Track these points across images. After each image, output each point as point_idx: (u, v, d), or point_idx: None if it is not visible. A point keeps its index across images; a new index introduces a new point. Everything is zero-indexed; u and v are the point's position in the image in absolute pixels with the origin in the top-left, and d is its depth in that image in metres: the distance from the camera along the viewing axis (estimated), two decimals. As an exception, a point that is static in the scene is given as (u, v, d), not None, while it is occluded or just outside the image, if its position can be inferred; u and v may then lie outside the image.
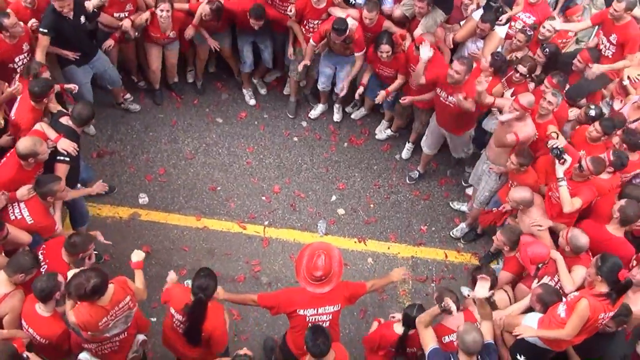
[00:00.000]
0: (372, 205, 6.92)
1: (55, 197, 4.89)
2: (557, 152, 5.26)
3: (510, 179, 5.72)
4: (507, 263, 5.39)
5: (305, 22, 6.64)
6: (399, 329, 4.65)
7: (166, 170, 6.90)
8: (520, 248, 5.14)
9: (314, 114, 7.59)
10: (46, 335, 4.31)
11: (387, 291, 6.19)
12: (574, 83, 6.32)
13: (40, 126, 5.15)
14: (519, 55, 6.29)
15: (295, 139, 7.39)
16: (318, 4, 6.49)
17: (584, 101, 6.38)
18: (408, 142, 7.29)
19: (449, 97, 6.03)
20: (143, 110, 7.37)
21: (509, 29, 6.61)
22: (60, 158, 5.12)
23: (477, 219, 6.47)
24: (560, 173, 5.21)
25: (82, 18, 5.96)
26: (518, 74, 5.99)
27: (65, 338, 4.39)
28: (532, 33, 6.33)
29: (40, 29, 5.74)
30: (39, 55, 5.73)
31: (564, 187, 5.20)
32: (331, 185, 7.03)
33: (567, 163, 5.21)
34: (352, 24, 6.34)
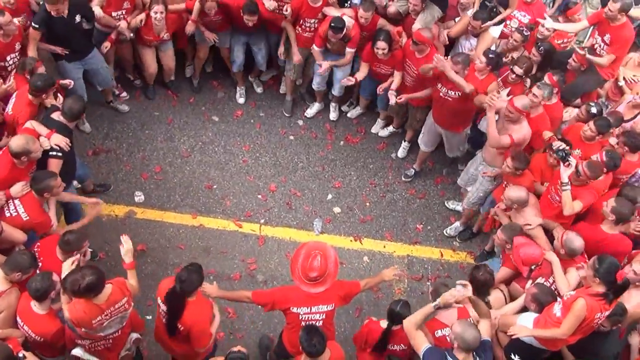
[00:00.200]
0: (368, 204, 6.93)
1: (52, 193, 4.87)
2: (562, 155, 5.17)
3: (506, 182, 5.69)
4: (507, 260, 5.36)
5: (302, 21, 6.63)
6: (385, 324, 4.66)
7: (162, 168, 6.90)
8: (513, 250, 5.14)
9: (310, 112, 7.59)
10: (41, 333, 4.31)
11: (383, 290, 6.20)
12: (568, 83, 6.33)
13: (31, 124, 5.12)
14: (515, 55, 6.31)
15: (292, 137, 7.39)
16: (315, 3, 6.48)
17: (578, 101, 6.40)
18: (404, 141, 7.29)
19: (449, 91, 6.03)
20: (139, 108, 7.36)
21: (505, 28, 6.62)
22: (52, 154, 5.08)
23: (472, 218, 6.47)
24: (565, 177, 5.12)
25: (77, 17, 5.95)
26: (514, 75, 5.97)
27: (60, 336, 4.38)
28: (528, 33, 6.33)
29: (32, 23, 5.77)
30: (31, 49, 5.74)
31: (567, 191, 5.12)
32: (327, 184, 7.03)
33: (572, 166, 5.13)
34: (349, 22, 6.35)
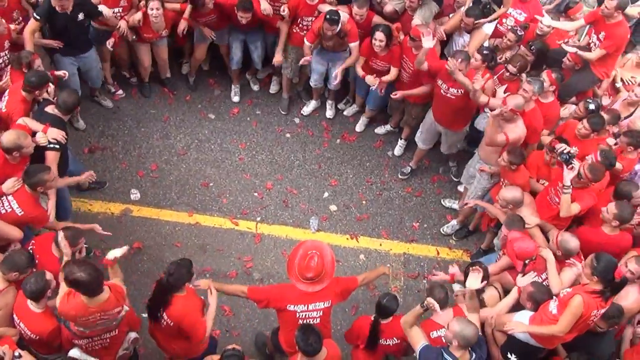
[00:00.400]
0: (364, 202, 6.93)
1: (45, 186, 4.85)
2: (565, 157, 5.16)
3: (502, 177, 5.73)
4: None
5: (299, 20, 6.62)
6: None
7: (158, 166, 6.88)
8: (507, 243, 5.15)
9: (307, 110, 7.59)
10: (38, 332, 4.30)
11: (379, 288, 6.20)
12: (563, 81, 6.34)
13: (24, 121, 5.10)
14: (509, 55, 6.32)
15: (288, 135, 7.39)
16: (312, 0, 6.47)
17: (574, 99, 6.42)
18: (400, 139, 7.30)
19: (450, 89, 6.03)
20: (135, 106, 7.35)
21: (500, 25, 6.63)
22: (50, 146, 5.08)
23: (469, 216, 6.48)
24: (568, 180, 5.10)
25: (80, 15, 5.96)
26: (508, 73, 6.02)
27: (56, 335, 4.38)
28: (522, 33, 6.35)
29: (35, 14, 5.77)
30: (27, 42, 5.71)
31: (568, 194, 5.12)
32: (323, 182, 7.03)
33: (575, 169, 5.12)
34: (344, 17, 6.33)
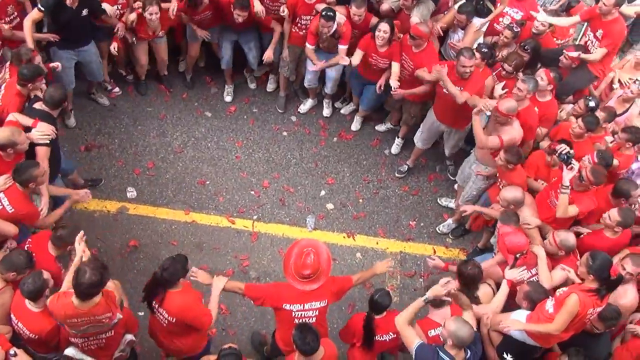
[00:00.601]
0: (361, 200, 6.93)
1: (37, 182, 4.80)
2: (564, 158, 5.15)
3: (500, 178, 5.70)
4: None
5: (298, 19, 6.61)
6: None
7: (155, 164, 6.87)
8: (499, 238, 5.14)
9: (304, 108, 7.58)
10: (36, 331, 4.29)
11: (375, 286, 6.13)
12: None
13: (14, 116, 5.07)
14: (505, 53, 6.33)
15: (285, 133, 7.38)
16: (310, -1, 6.47)
17: (570, 98, 6.42)
18: (397, 137, 7.30)
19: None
20: (132, 104, 7.33)
21: (497, 24, 6.63)
22: (40, 141, 5.03)
23: (465, 215, 6.48)
24: (567, 180, 5.10)
25: (84, 10, 5.99)
26: (505, 72, 6.06)
27: (55, 334, 4.36)
28: (518, 30, 6.36)
29: (39, 5, 5.76)
30: (28, 37, 5.69)
31: (566, 195, 5.11)
32: (320, 180, 7.03)
33: (574, 170, 5.12)
34: (340, 18, 6.33)
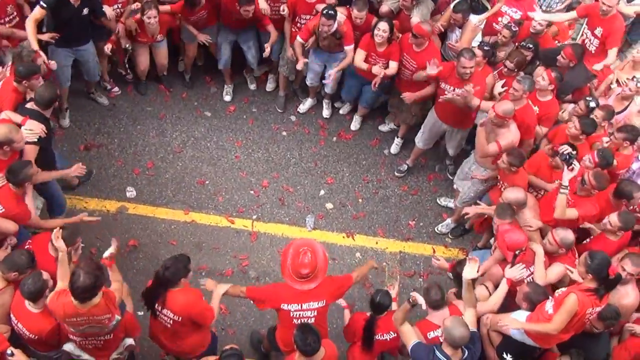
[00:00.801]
0: (360, 200, 6.93)
1: (32, 181, 4.82)
2: (566, 158, 5.14)
3: (501, 180, 5.68)
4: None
5: (298, 18, 6.61)
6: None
7: (154, 163, 6.87)
8: (498, 235, 5.14)
9: (303, 108, 7.58)
10: (36, 332, 4.30)
11: (375, 286, 6.19)
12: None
13: (6, 114, 5.07)
14: (503, 54, 6.33)
15: (284, 133, 7.38)
16: (310, -2, 6.46)
17: (569, 97, 6.43)
18: (397, 137, 7.30)
19: (456, 89, 5.96)
20: (131, 103, 7.33)
21: (496, 24, 6.64)
22: (27, 140, 5.01)
23: (464, 215, 6.49)
24: (566, 180, 5.09)
25: (85, 10, 5.99)
26: (506, 69, 6.07)
27: (55, 333, 4.37)
28: (517, 29, 6.37)
29: (41, 2, 5.76)
30: (31, 37, 5.68)
31: (564, 195, 5.11)
32: (320, 180, 7.03)
33: (575, 170, 5.11)
34: (341, 17, 6.33)
